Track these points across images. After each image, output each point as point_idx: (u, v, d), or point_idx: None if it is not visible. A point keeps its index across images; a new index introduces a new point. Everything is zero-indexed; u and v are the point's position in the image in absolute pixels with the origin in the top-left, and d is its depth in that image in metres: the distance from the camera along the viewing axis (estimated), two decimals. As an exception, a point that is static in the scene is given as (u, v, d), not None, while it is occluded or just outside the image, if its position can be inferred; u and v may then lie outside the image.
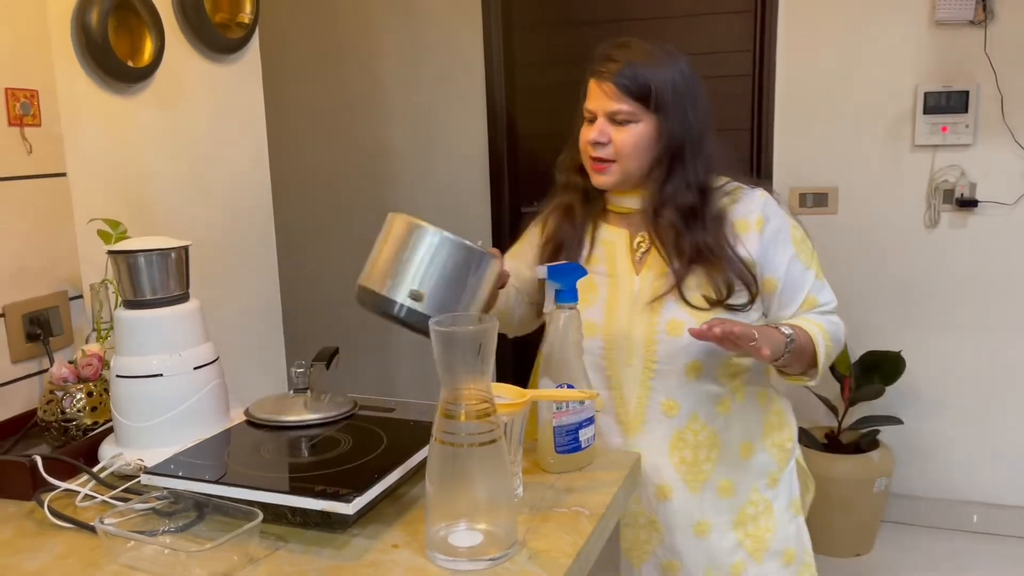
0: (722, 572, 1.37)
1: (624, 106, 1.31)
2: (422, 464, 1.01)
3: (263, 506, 0.96)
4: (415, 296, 1.09)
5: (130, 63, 1.66)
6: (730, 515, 1.37)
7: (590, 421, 1.16)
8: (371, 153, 3.47)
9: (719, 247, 1.33)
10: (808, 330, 1.31)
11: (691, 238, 1.32)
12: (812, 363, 1.32)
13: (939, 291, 2.83)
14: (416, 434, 1.12)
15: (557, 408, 1.13)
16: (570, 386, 1.15)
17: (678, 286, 1.32)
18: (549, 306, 1.17)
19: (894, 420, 2.77)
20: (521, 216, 3.37)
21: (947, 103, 2.69)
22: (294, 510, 0.97)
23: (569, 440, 1.14)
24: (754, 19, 2.92)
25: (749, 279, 1.33)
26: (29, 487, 1.09)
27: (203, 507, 0.99)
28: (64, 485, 1.09)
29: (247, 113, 1.99)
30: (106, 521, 0.94)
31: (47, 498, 1.05)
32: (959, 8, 2.63)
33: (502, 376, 3.50)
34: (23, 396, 1.39)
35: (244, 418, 1.20)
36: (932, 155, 2.75)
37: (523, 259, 1.48)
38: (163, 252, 1.16)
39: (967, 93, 2.66)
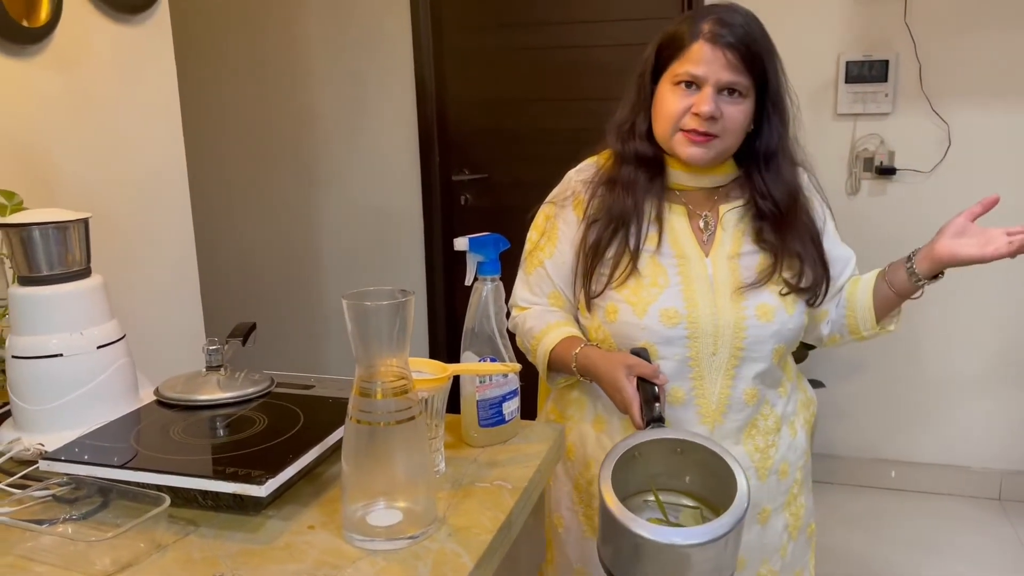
0: (773, 557, 1.36)
1: (743, 79, 1.19)
2: (340, 443, 0.98)
3: (172, 490, 0.92)
4: None
5: (24, 22, 1.55)
6: (783, 498, 1.35)
7: (514, 394, 1.15)
8: (295, 119, 3.37)
9: (815, 232, 1.31)
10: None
11: (786, 231, 1.28)
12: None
13: (859, 258, 2.89)
14: (335, 411, 1.08)
15: (480, 381, 1.11)
16: (492, 359, 1.14)
17: (780, 270, 1.27)
18: (470, 279, 1.14)
19: (816, 383, 2.84)
20: (451, 183, 3.32)
21: (868, 72, 2.74)
22: (205, 493, 0.93)
23: (492, 414, 1.13)
24: (682, -14, 2.93)
25: (827, 272, 1.32)
26: (-82, 476, 1.02)
27: (108, 493, 0.94)
28: (-43, 473, 1.02)
29: (158, 76, 1.90)
30: (0, 511, 0.89)
31: (-62, 488, 0.99)
32: (880, -22, 2.66)
33: (435, 349, 3.48)
34: (-86, 379, 1.31)
35: (154, 398, 1.15)
36: (853, 124, 2.80)
37: (563, 257, 1.34)
38: (60, 225, 1.09)
39: (887, 62, 2.71)
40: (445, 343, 3.39)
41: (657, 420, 1.12)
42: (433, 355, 3.57)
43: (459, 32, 3.22)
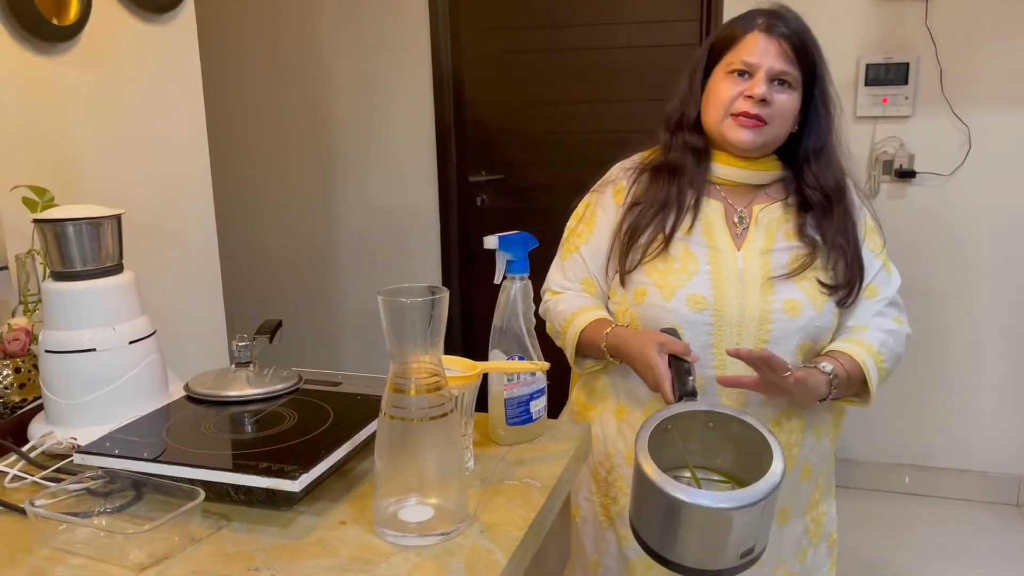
0: (791, 561, 1.36)
1: (793, 70, 1.25)
2: (370, 439, 0.99)
3: (205, 484, 0.93)
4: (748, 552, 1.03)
5: (55, 20, 1.57)
6: (805, 500, 1.36)
7: (541, 392, 1.15)
8: (312, 120, 3.38)
9: (854, 231, 1.31)
10: (857, 357, 1.26)
11: (832, 224, 1.29)
12: (863, 389, 1.29)
13: (877, 260, 2.89)
14: (364, 408, 1.09)
15: (508, 380, 1.12)
16: (521, 357, 1.14)
17: (816, 266, 1.27)
18: (499, 277, 1.14)
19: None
20: (468, 184, 3.33)
21: (888, 75, 2.73)
22: (237, 488, 0.94)
23: (520, 412, 1.13)
24: (701, -12, 2.92)
25: (862, 271, 1.31)
26: (-47, 469, 1.03)
27: (141, 486, 0.95)
28: (-9, 466, 1.03)
29: (183, 76, 1.91)
30: (37, 503, 0.90)
31: (-28, 480, 1.00)
32: (901, -20, 2.66)
33: (451, 349, 3.49)
34: (-55, 373, 1.32)
35: (183, 393, 1.16)
36: (873, 126, 2.79)
37: (599, 243, 1.36)
38: (93, 221, 1.10)
39: (907, 65, 2.70)
40: (461, 343, 3.39)
41: (690, 394, 1.13)
42: (449, 355, 3.59)
43: (477, 34, 3.22)
